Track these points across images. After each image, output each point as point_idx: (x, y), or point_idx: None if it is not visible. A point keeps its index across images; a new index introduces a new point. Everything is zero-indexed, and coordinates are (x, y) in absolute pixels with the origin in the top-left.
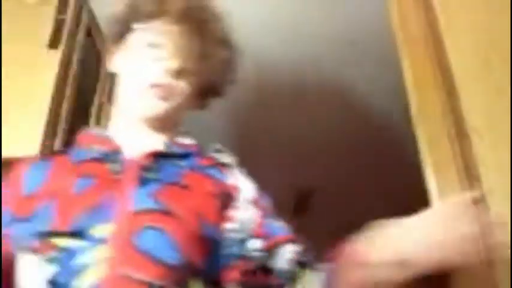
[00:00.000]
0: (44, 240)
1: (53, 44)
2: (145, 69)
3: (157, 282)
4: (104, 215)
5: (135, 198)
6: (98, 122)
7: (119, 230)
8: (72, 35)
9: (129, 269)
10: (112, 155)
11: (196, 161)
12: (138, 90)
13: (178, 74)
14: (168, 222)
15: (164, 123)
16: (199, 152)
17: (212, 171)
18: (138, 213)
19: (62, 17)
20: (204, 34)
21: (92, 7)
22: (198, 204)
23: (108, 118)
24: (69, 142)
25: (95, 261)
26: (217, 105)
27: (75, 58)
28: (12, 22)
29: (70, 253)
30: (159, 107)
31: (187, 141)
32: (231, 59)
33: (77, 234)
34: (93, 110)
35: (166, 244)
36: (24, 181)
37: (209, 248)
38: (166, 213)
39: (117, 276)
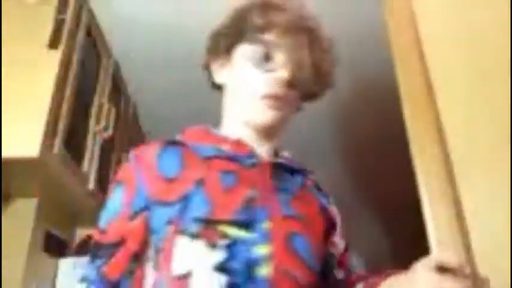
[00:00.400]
0: (209, 227)
1: (53, 44)
2: (257, 80)
3: (306, 284)
4: (261, 213)
5: (279, 203)
6: (97, 122)
7: (277, 230)
8: (72, 35)
9: (290, 267)
10: (246, 158)
11: (304, 179)
12: (250, 101)
13: (290, 84)
14: (306, 231)
15: (273, 131)
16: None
17: (317, 193)
18: (285, 217)
19: (62, 17)
20: (313, 43)
21: (92, 7)
22: (314, 221)
23: (108, 118)
24: (69, 142)
25: (267, 255)
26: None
27: (75, 58)
28: (12, 22)
29: (242, 243)
30: (272, 116)
31: (286, 153)
32: (334, 64)
33: (245, 225)
34: (93, 110)
35: (309, 251)
36: (159, 164)
37: (322, 266)
38: (304, 223)
39: (282, 272)
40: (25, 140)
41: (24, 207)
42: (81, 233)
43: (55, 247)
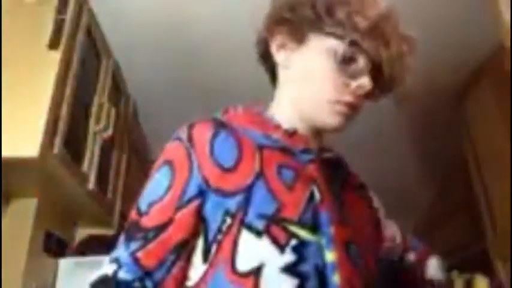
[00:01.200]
0: (276, 225)
1: (53, 44)
2: (335, 82)
3: None
4: (325, 216)
5: (335, 205)
6: (97, 122)
7: (339, 237)
8: (72, 35)
9: (352, 277)
10: (302, 153)
11: (346, 174)
12: (320, 101)
13: (369, 93)
14: (356, 239)
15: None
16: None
17: (361, 191)
18: (342, 223)
19: (62, 17)
20: (393, 44)
21: (92, 7)
22: (362, 227)
23: (108, 118)
24: (69, 142)
25: (335, 261)
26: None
27: (75, 58)
28: (12, 22)
29: (311, 246)
30: (340, 122)
31: (329, 148)
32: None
33: (312, 227)
34: (93, 110)
35: (361, 261)
36: (214, 149)
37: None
38: (355, 230)
39: (348, 281)
40: (25, 140)
41: (24, 207)
42: (81, 233)
43: (55, 247)
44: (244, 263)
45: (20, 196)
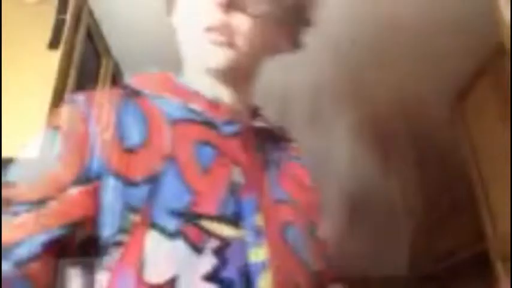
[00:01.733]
0: (190, 223)
1: (53, 44)
2: (196, 9)
3: None
4: (249, 202)
5: (267, 183)
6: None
7: (269, 223)
8: (72, 35)
9: (290, 272)
10: (225, 124)
11: (286, 146)
12: (196, 38)
13: (228, 5)
14: (299, 220)
15: (241, 81)
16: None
17: (301, 167)
18: (276, 203)
19: (62, 17)
20: None
21: (92, 7)
22: (307, 205)
23: None
24: None
25: (265, 259)
26: None
27: (75, 58)
28: (12, 22)
29: (234, 245)
30: (223, 56)
31: (264, 113)
32: None
33: (233, 221)
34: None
35: (304, 246)
36: (118, 123)
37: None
38: (297, 209)
39: (283, 281)
40: (25, 140)
41: None
42: (81, 233)
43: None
44: (155, 274)
45: None
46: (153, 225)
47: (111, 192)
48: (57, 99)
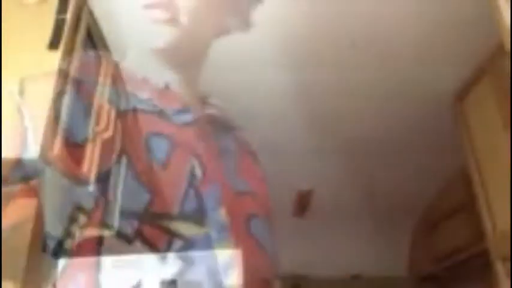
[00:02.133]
0: (150, 223)
1: (53, 44)
2: None
3: (273, 281)
4: (210, 195)
5: (226, 174)
6: (97, 123)
7: (233, 216)
8: (72, 35)
9: (258, 267)
10: (178, 113)
11: (237, 134)
12: (132, 14)
13: None
14: (261, 211)
15: (185, 62)
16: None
17: (253, 156)
18: (238, 194)
19: (62, 17)
20: None
21: (92, 7)
22: (264, 195)
23: (108, 118)
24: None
25: (231, 255)
26: None
27: (75, 58)
28: (12, 22)
29: (198, 244)
30: (165, 34)
31: (215, 101)
32: None
33: (195, 218)
34: (93, 110)
35: (269, 237)
36: (61, 112)
37: None
38: (257, 199)
39: (250, 277)
40: (25, 140)
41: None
42: (81, 233)
43: (55, 247)
44: (113, 283)
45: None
46: (108, 227)
47: (55, 195)
48: (57, 99)
